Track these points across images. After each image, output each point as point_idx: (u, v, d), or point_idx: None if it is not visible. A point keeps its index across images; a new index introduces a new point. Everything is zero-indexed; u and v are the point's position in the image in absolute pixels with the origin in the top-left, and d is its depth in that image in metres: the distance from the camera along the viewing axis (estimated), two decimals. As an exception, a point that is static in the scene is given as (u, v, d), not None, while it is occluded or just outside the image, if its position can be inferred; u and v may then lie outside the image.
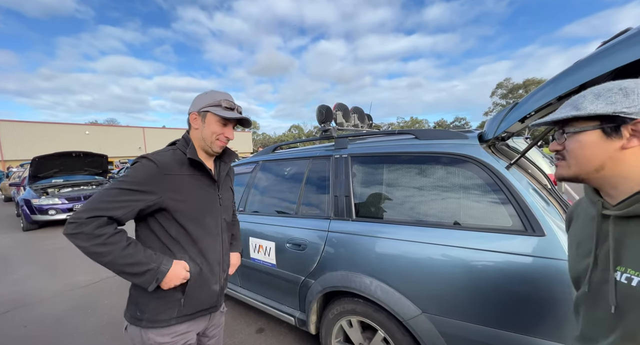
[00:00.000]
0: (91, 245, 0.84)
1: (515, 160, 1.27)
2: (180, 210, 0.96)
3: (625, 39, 0.83)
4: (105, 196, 0.88)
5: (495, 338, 1.14)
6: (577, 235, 0.69)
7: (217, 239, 1.07)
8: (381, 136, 1.90)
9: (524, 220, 1.16)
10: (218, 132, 1.02)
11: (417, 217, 1.43)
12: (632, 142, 0.52)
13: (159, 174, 0.93)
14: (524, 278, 1.10)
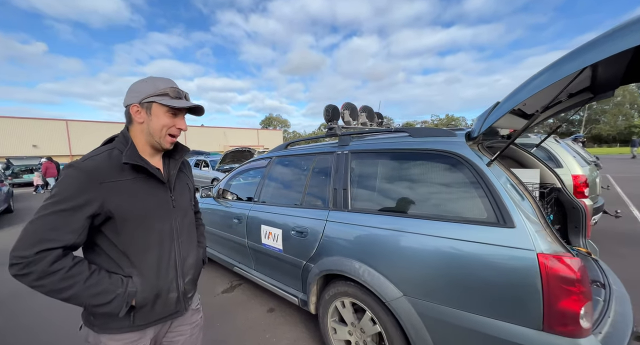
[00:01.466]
0: (48, 283, 0.74)
1: (494, 158, 1.33)
2: (126, 219, 0.85)
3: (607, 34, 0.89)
4: (47, 223, 0.75)
5: (465, 320, 1.23)
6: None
7: (172, 244, 0.97)
8: (380, 134, 2.02)
9: (497, 213, 1.23)
10: (169, 124, 0.92)
11: (404, 209, 1.55)
12: None
13: (92, 182, 0.80)
14: (493, 266, 1.18)
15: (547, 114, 2.03)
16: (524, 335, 1.10)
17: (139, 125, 0.91)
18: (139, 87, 0.90)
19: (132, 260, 0.88)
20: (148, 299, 0.90)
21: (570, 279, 1.04)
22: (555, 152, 3.60)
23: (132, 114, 0.90)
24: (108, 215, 0.83)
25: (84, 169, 0.81)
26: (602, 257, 3.35)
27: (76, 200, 0.78)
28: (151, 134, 0.91)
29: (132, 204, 0.87)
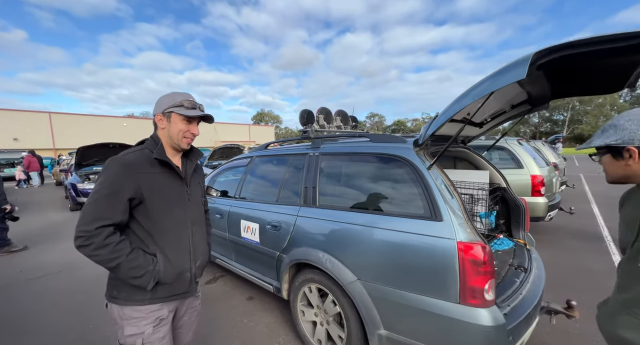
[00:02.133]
0: (103, 253, 0.94)
1: (433, 163, 1.56)
2: (153, 204, 1.04)
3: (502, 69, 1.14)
4: (101, 205, 0.96)
5: (403, 298, 1.48)
6: (627, 215, 0.94)
7: (186, 231, 1.15)
8: (348, 138, 2.24)
9: (431, 209, 1.47)
10: (184, 129, 1.12)
11: (359, 205, 1.78)
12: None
13: (131, 172, 1.01)
14: (425, 252, 1.43)
15: (495, 122, 2.30)
16: (446, 307, 1.35)
17: (162, 130, 1.13)
18: (163, 100, 1.13)
19: (156, 240, 1.07)
20: (169, 275, 1.08)
21: (479, 261, 1.29)
22: (518, 154, 3.92)
23: (157, 121, 1.13)
24: (140, 200, 1.04)
25: (123, 162, 1.02)
26: (553, 248, 3.72)
27: (120, 186, 0.99)
28: (171, 137, 1.13)
29: (159, 192, 1.07)
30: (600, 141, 0.88)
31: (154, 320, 1.09)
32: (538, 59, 1.10)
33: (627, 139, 0.82)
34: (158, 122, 1.12)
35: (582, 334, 2.06)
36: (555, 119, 54.01)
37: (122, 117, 35.87)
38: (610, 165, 0.91)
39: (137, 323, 1.07)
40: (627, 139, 0.82)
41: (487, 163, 2.43)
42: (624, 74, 1.39)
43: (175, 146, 1.15)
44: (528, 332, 1.49)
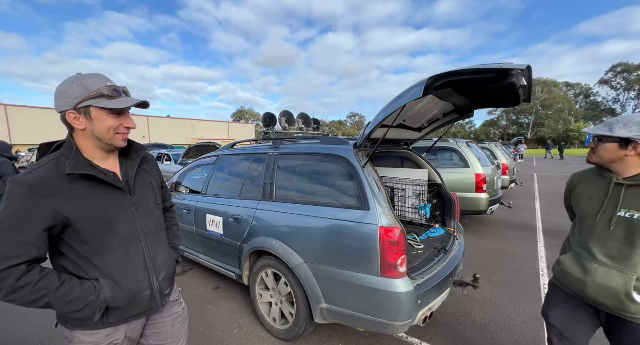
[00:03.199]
0: (19, 297, 0.78)
1: (366, 162, 1.87)
2: (84, 227, 0.86)
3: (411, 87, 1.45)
4: (3, 242, 0.77)
5: (339, 275, 1.77)
6: (586, 191, 1.28)
7: (138, 246, 0.97)
8: (303, 140, 2.51)
9: (362, 200, 1.77)
10: (115, 125, 0.88)
11: (308, 199, 2.06)
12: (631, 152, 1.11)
13: (41, 196, 0.79)
14: (356, 236, 1.72)
15: (432, 127, 2.66)
16: (370, 280, 1.66)
17: (82, 132, 0.87)
18: (67, 90, 0.83)
19: (96, 264, 0.89)
20: (119, 300, 0.91)
21: (394, 242, 1.61)
22: (465, 155, 4.40)
23: (70, 121, 0.85)
24: (65, 224, 0.83)
25: (27, 183, 0.79)
26: (492, 237, 4.24)
27: (26, 215, 0.78)
28: (98, 138, 0.88)
29: (89, 211, 0.86)
30: (623, 133, 1.12)
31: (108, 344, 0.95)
32: (432, 83, 1.42)
33: (636, 136, 1.10)
34: (73, 123, 0.85)
35: (495, 304, 2.48)
36: (521, 122, 57.91)
37: (90, 112, 33.69)
38: (610, 151, 1.17)
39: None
40: (636, 136, 1.10)
41: (426, 163, 2.80)
42: (513, 93, 1.77)
43: (107, 148, 0.92)
44: (439, 299, 1.84)
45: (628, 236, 1.13)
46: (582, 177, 1.36)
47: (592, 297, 1.23)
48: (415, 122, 2.48)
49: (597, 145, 1.21)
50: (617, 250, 1.17)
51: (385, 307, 1.63)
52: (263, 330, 2.20)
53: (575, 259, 1.29)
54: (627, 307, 1.14)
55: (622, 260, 1.15)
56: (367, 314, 1.69)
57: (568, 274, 1.31)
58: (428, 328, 2.18)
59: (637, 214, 1.11)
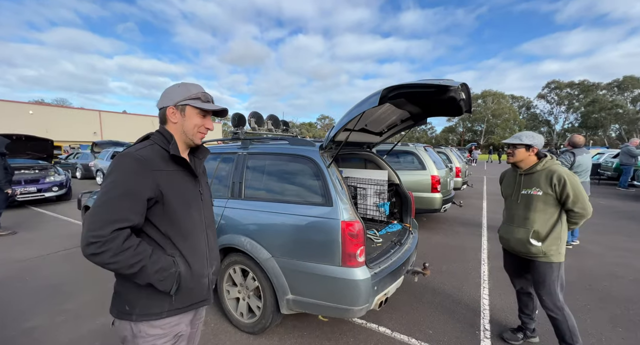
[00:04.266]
0: (123, 258, 0.84)
1: (330, 162, 2.03)
2: (170, 205, 0.96)
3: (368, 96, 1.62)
4: (114, 206, 0.85)
5: (305, 267, 1.90)
6: (507, 181, 2.05)
7: (202, 234, 1.07)
8: (271, 140, 2.60)
9: (326, 197, 1.93)
10: (199, 124, 1.04)
11: (276, 196, 2.16)
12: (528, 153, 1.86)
13: (148, 170, 0.91)
14: (320, 230, 1.87)
15: (391, 132, 2.93)
16: (332, 270, 1.81)
17: (174, 124, 1.03)
18: (174, 91, 1.03)
19: (175, 243, 0.98)
20: (188, 280, 0.98)
21: (354, 234, 1.79)
22: (423, 158, 4.83)
23: (169, 115, 1.02)
24: (157, 200, 0.94)
25: (138, 157, 0.91)
26: (445, 233, 4.68)
27: (138, 184, 0.89)
28: (185, 132, 1.04)
29: (176, 191, 0.98)
30: (527, 141, 1.82)
31: (173, 337, 1.00)
32: (387, 93, 1.62)
33: (534, 143, 1.81)
34: (170, 116, 1.02)
35: (443, 290, 2.80)
36: (475, 129, 63.56)
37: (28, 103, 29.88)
38: (521, 153, 1.85)
39: (155, 341, 0.96)
40: (534, 143, 1.81)
41: (386, 165, 3.07)
42: (456, 104, 2.06)
43: (188, 142, 1.06)
44: (393, 285, 2.06)
45: (526, 205, 1.85)
46: (505, 172, 2.12)
47: (514, 248, 1.92)
48: (375, 126, 2.72)
49: (513, 150, 1.89)
50: (522, 215, 1.87)
51: (345, 294, 1.80)
52: (230, 326, 2.25)
53: (504, 227, 2.02)
54: (529, 249, 1.82)
55: (524, 220, 1.85)
56: (329, 301, 1.84)
57: (503, 238, 2.03)
58: (385, 313, 2.40)
59: (529, 191, 1.84)
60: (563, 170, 1.76)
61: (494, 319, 2.35)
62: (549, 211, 1.78)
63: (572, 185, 1.70)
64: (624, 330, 2.19)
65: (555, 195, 1.74)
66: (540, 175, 1.80)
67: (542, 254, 1.78)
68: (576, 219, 1.76)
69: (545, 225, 1.78)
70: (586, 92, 52.75)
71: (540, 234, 1.78)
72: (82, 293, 2.74)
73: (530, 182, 1.84)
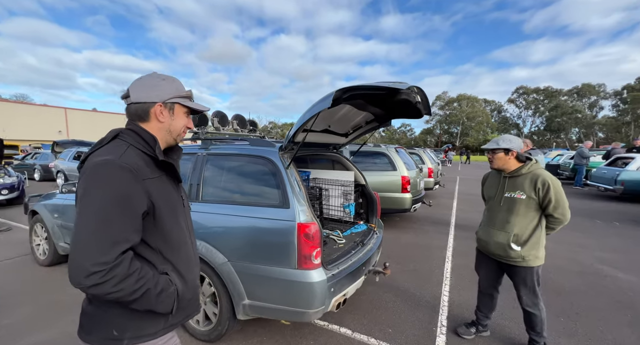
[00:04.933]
0: (127, 285, 0.74)
1: (289, 163, 2.00)
2: (161, 216, 0.86)
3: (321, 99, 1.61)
4: (114, 223, 0.74)
5: (261, 271, 1.85)
6: (490, 183, 2.02)
7: (190, 242, 1.00)
8: (233, 141, 2.54)
9: (284, 199, 1.90)
10: (186, 124, 0.98)
11: (234, 199, 2.10)
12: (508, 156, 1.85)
13: (139, 180, 0.80)
14: (276, 232, 1.84)
15: (357, 134, 2.95)
16: (288, 272, 1.79)
17: (159, 124, 0.91)
18: (159, 84, 0.90)
19: (167, 257, 0.88)
20: (186, 295, 0.91)
21: (310, 236, 1.77)
22: (394, 159, 4.93)
23: (156, 112, 0.89)
24: (147, 212, 0.83)
25: (126, 166, 0.78)
26: (415, 232, 4.80)
27: (132, 198, 0.77)
28: (171, 132, 0.94)
29: (164, 200, 0.87)
30: (505, 145, 1.80)
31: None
32: (341, 95, 1.62)
33: (512, 147, 1.80)
34: (158, 114, 0.90)
35: (406, 289, 2.86)
36: (452, 131, 66.27)
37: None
38: (500, 158, 1.84)
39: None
40: (512, 147, 1.80)
41: (353, 166, 3.09)
42: (415, 107, 2.10)
43: (170, 142, 0.97)
44: (353, 286, 2.06)
45: (509, 208, 1.83)
46: (488, 175, 2.12)
47: (493, 252, 1.91)
48: (340, 128, 2.73)
49: (492, 155, 1.88)
50: (503, 218, 1.86)
51: (301, 297, 1.77)
52: (186, 334, 2.15)
53: (484, 229, 2.00)
54: (509, 254, 1.82)
55: (505, 224, 1.84)
56: (284, 305, 1.81)
57: (481, 240, 2.01)
58: (346, 314, 2.41)
59: (513, 194, 1.82)
60: (548, 174, 1.74)
61: (451, 315, 2.42)
62: (529, 215, 1.77)
63: (555, 190, 1.69)
64: (565, 320, 2.34)
65: (538, 199, 1.73)
66: (525, 179, 1.78)
67: (520, 259, 1.78)
68: (555, 225, 1.78)
69: (526, 230, 1.78)
70: (550, 98, 56.80)
71: (520, 238, 1.78)
72: (20, 307, 2.51)
73: (514, 185, 1.82)
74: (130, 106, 0.90)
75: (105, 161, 0.77)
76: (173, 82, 0.93)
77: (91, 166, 0.77)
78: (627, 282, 3.04)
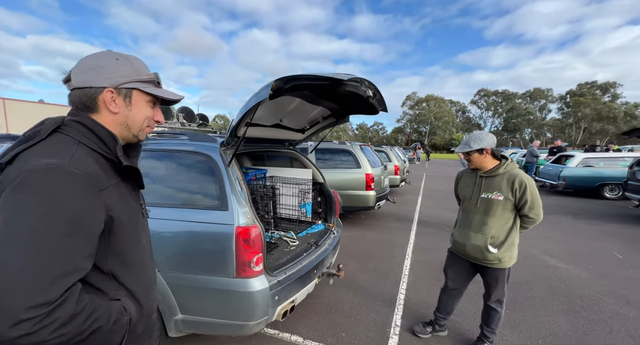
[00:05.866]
0: (72, 328, 0.56)
1: (230, 160, 1.81)
2: (119, 234, 0.70)
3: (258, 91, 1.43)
4: (59, 250, 0.56)
5: (195, 281, 1.65)
6: (465, 182, 1.92)
7: (148, 260, 0.84)
8: (171, 135, 2.27)
9: (222, 201, 1.71)
10: (150, 115, 0.79)
11: (167, 201, 1.86)
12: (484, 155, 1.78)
13: (95, 190, 0.63)
14: (213, 238, 1.64)
15: (314, 129, 2.82)
16: (226, 282, 1.60)
17: (111, 115, 0.73)
18: (109, 65, 0.71)
19: (121, 281, 0.72)
20: (138, 323, 0.74)
21: (250, 241, 1.60)
22: (358, 157, 4.90)
23: (105, 100, 0.71)
24: (104, 230, 0.66)
25: (80, 173, 0.61)
26: (379, 229, 4.82)
27: (87, 215, 0.61)
28: (129, 126, 0.76)
29: (125, 213, 0.71)
30: (477, 146, 1.72)
31: None
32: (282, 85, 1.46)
33: (485, 146, 1.72)
34: (108, 102, 0.71)
35: (365, 289, 2.81)
36: (421, 130, 69.32)
37: None
38: (477, 158, 1.77)
39: None
40: (485, 146, 1.72)
41: (310, 163, 2.96)
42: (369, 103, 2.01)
43: (130, 139, 0.79)
44: (302, 291, 1.93)
45: (486, 209, 1.77)
46: (462, 173, 2.01)
47: (470, 254, 1.85)
48: (295, 123, 2.57)
49: (468, 157, 1.81)
50: (480, 220, 1.79)
51: (240, 308, 1.61)
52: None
53: (459, 231, 1.92)
54: (486, 256, 1.76)
55: (482, 226, 1.78)
56: (222, 318, 1.63)
57: (456, 241, 1.93)
58: (300, 319, 2.28)
59: (490, 195, 1.75)
60: (524, 174, 1.71)
61: (406, 314, 2.40)
62: (505, 216, 1.73)
63: (531, 190, 1.67)
64: (510, 312, 2.43)
65: (514, 200, 1.69)
66: (502, 179, 1.73)
67: (497, 261, 1.75)
68: (528, 225, 1.76)
69: (502, 231, 1.74)
70: (507, 100, 61.63)
71: (496, 240, 1.74)
72: None
73: (491, 185, 1.76)
74: (73, 92, 0.71)
75: (50, 167, 0.58)
76: (132, 62, 0.74)
77: (27, 173, 0.57)
78: (565, 270, 3.27)
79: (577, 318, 2.36)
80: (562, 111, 54.46)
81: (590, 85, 50.76)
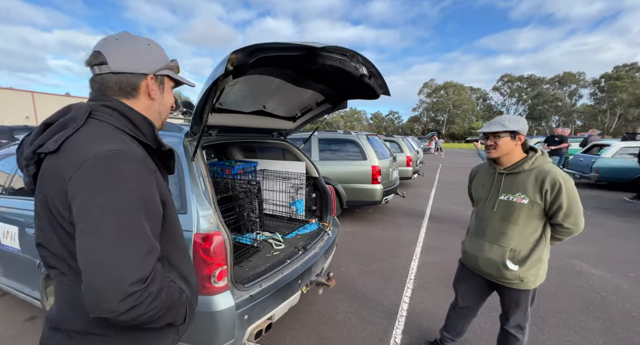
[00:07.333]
0: (159, 302, 0.60)
1: (194, 153, 1.52)
2: (169, 215, 0.74)
3: None
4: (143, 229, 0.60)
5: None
6: (480, 180, 1.54)
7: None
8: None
9: (183, 202, 1.43)
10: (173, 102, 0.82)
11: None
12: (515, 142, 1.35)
13: (152, 173, 0.67)
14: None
15: (306, 117, 2.48)
16: (184, 300, 1.35)
17: (149, 102, 0.73)
18: (144, 50, 0.71)
19: (172, 261, 0.75)
20: (193, 301, 0.81)
21: (210, 251, 1.33)
22: (364, 147, 4.51)
23: (149, 86, 0.72)
24: None
25: (138, 157, 0.64)
26: (385, 225, 4.47)
27: (155, 196, 0.65)
28: (160, 112, 0.78)
29: (169, 196, 0.75)
30: (512, 126, 1.32)
31: None
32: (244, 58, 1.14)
33: (520, 128, 1.33)
34: (150, 89, 0.72)
35: (363, 295, 2.52)
36: (438, 119, 66.71)
37: None
38: (506, 144, 1.34)
39: None
40: (520, 128, 1.33)
41: (304, 156, 2.64)
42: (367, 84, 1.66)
43: (159, 127, 0.80)
44: (283, 305, 1.66)
45: (505, 215, 1.37)
46: (478, 169, 1.61)
47: (483, 269, 1.47)
48: (282, 110, 2.24)
49: (495, 141, 1.36)
50: (497, 228, 1.40)
51: (199, 331, 1.35)
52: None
53: (471, 239, 1.54)
54: (503, 274, 1.38)
55: (500, 235, 1.39)
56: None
57: (467, 253, 1.56)
58: (287, 331, 2.03)
59: (511, 197, 1.35)
60: (559, 172, 1.29)
61: (408, 328, 2.09)
62: (531, 225, 1.34)
63: (568, 193, 1.25)
64: (532, 328, 2.06)
65: (544, 204, 1.29)
66: (527, 177, 1.32)
67: (517, 280, 1.36)
68: (563, 236, 1.35)
69: (525, 244, 1.35)
70: (533, 86, 57.75)
71: (518, 255, 1.35)
72: None
73: (513, 185, 1.36)
74: (106, 77, 0.68)
75: (112, 152, 0.60)
76: (160, 48, 0.76)
77: (92, 160, 0.58)
78: (600, 279, 2.82)
79: (617, 341, 1.97)
80: (594, 96, 50.43)
81: (630, 67, 46.41)
